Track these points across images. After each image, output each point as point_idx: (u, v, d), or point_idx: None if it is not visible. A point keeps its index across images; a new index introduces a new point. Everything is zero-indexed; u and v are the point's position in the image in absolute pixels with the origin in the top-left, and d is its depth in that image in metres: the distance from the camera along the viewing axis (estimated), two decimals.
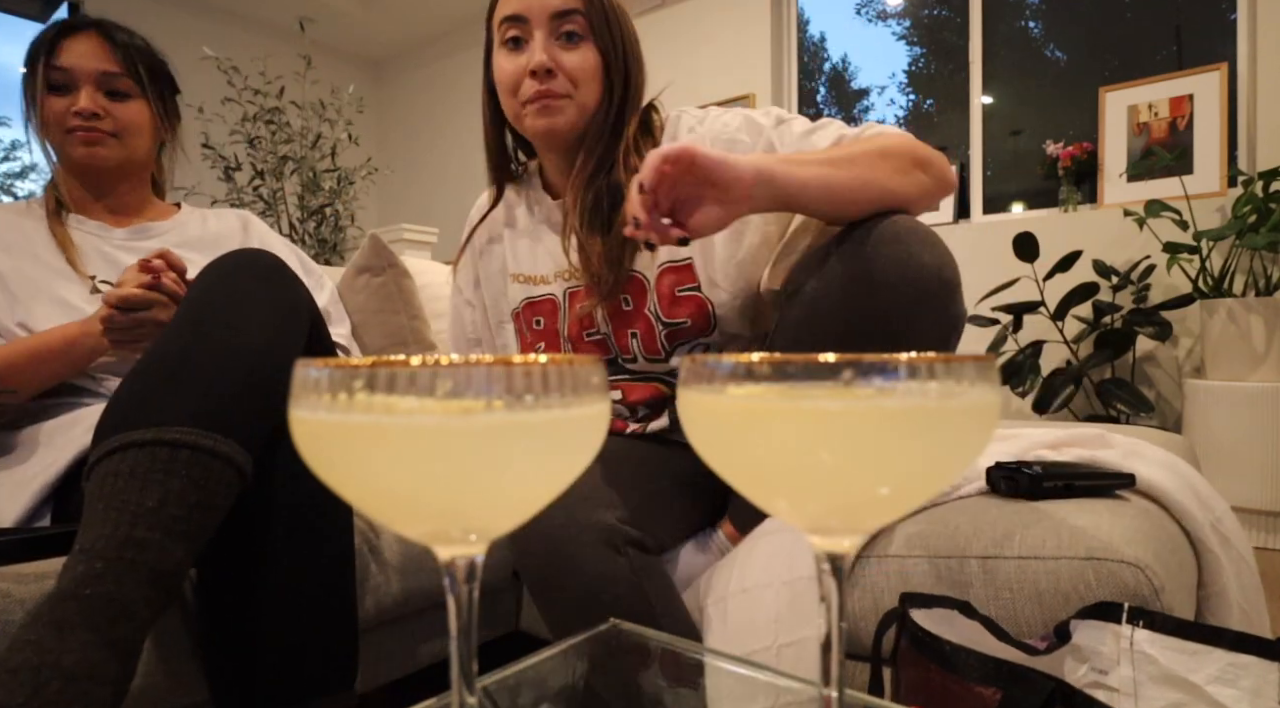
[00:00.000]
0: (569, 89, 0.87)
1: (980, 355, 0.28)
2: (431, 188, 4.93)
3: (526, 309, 0.99)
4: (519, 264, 1.00)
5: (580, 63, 0.87)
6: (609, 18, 0.89)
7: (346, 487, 0.28)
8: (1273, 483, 2.03)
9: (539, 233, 0.99)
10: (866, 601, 0.76)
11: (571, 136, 0.90)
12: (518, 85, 0.88)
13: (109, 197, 1.10)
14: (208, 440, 0.60)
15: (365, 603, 0.89)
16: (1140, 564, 0.67)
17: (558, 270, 0.96)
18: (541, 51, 0.86)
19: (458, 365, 0.26)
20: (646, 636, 0.57)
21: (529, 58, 0.86)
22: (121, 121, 1.04)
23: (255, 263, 0.74)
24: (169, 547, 0.56)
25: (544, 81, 0.86)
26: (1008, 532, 0.74)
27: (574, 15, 0.87)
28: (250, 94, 3.21)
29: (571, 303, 0.95)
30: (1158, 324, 2.39)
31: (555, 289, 0.96)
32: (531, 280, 0.98)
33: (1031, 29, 3.31)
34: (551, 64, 0.86)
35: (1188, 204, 2.36)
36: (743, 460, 0.30)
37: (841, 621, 0.32)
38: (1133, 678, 0.56)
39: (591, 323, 0.94)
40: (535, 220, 1.00)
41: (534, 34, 0.87)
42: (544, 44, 0.86)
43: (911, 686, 0.64)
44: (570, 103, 0.88)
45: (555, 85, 0.86)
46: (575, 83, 0.87)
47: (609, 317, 0.92)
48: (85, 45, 1.02)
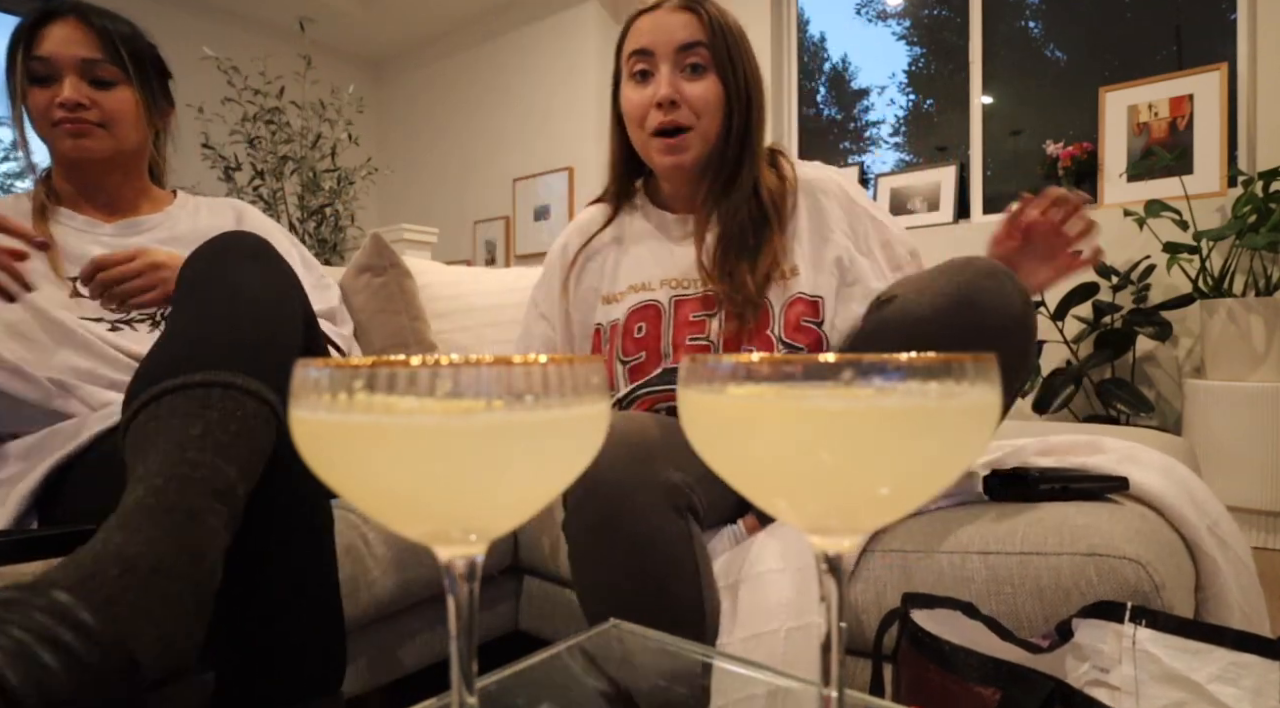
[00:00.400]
0: (692, 120, 0.92)
1: (980, 355, 0.28)
2: (431, 188, 4.93)
3: (632, 315, 0.99)
4: (623, 276, 1.02)
5: (703, 93, 0.92)
6: (730, 48, 0.93)
7: (346, 487, 0.28)
8: (1273, 483, 2.03)
9: (649, 242, 1.02)
10: (869, 594, 0.77)
11: (693, 168, 0.96)
12: (644, 116, 0.94)
13: (101, 190, 1.07)
14: (236, 378, 0.63)
15: (360, 600, 0.89)
16: (1141, 561, 0.67)
17: (664, 278, 0.99)
18: (667, 84, 0.91)
19: (458, 365, 0.26)
20: (646, 636, 0.57)
21: (655, 89, 0.92)
22: (108, 111, 1.00)
23: (241, 242, 0.77)
24: (221, 466, 0.58)
25: (669, 112, 0.92)
26: (1010, 529, 0.74)
27: (698, 48, 0.92)
28: (250, 94, 3.21)
29: (677, 310, 0.97)
30: (1158, 324, 2.39)
31: (660, 295, 0.98)
32: (635, 288, 1.00)
33: (1031, 29, 3.31)
34: (676, 95, 0.91)
35: (1188, 204, 2.36)
36: (743, 460, 0.30)
37: (841, 621, 0.32)
38: (1134, 677, 0.56)
39: (701, 330, 0.95)
40: (644, 231, 1.03)
41: (660, 67, 0.93)
42: (669, 77, 0.92)
43: (911, 686, 0.64)
44: (694, 136, 0.93)
45: (679, 116, 0.92)
46: (698, 113, 0.92)
47: (724, 329, 0.95)
48: (64, 32, 0.98)
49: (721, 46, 0.92)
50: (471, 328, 1.55)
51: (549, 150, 4.27)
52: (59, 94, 0.97)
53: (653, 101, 0.92)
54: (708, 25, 0.92)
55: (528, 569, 1.16)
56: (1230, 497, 2.06)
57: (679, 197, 1.02)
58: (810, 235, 0.96)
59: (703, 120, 0.92)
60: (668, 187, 1.02)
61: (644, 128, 0.94)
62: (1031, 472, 0.82)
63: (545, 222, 4.29)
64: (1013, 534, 0.73)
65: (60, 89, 0.97)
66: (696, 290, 0.96)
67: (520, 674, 0.50)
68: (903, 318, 0.79)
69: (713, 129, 0.94)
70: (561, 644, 0.54)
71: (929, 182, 3.18)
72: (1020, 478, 0.82)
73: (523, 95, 4.39)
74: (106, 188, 1.07)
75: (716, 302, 0.94)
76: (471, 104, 4.68)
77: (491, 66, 4.58)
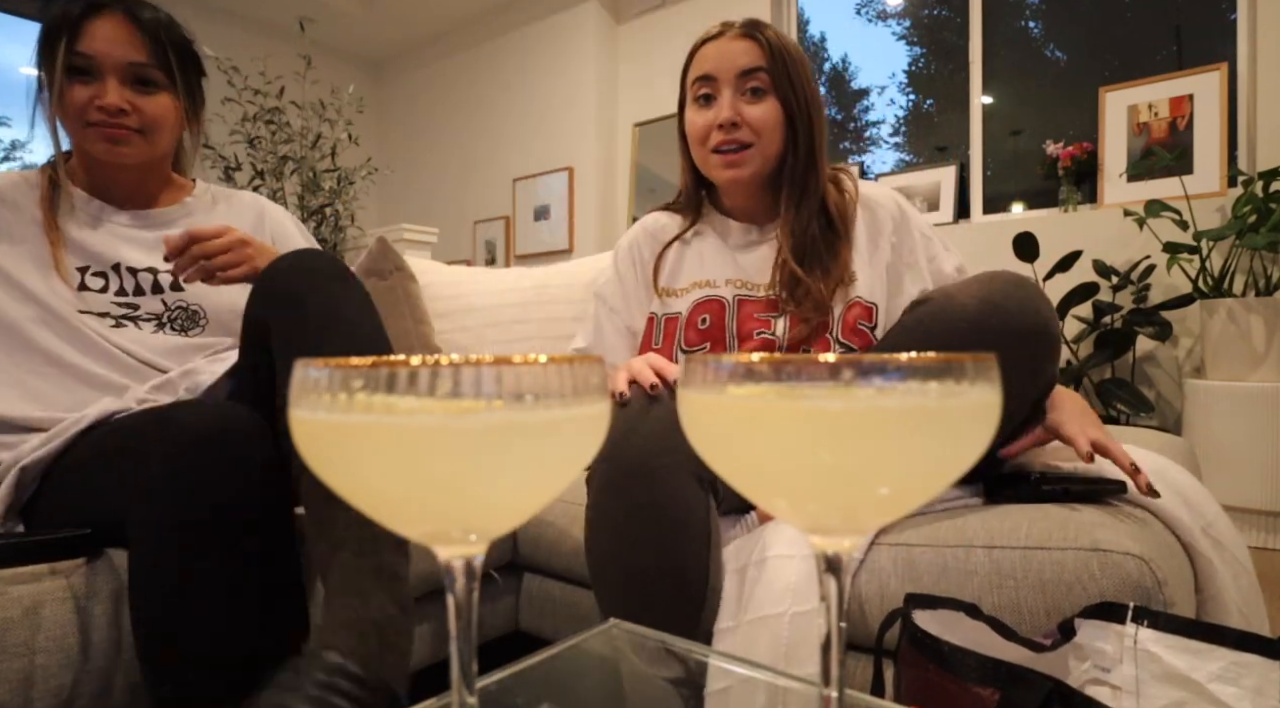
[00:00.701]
0: (752, 138, 0.98)
1: (980, 355, 0.28)
2: (431, 188, 4.93)
3: (696, 309, 1.04)
4: (684, 274, 1.08)
5: (763, 115, 0.98)
6: (790, 72, 0.98)
7: (347, 487, 0.28)
8: (1273, 483, 2.03)
9: (714, 247, 1.08)
10: (872, 586, 0.77)
11: (754, 182, 1.02)
12: (706, 137, 1.00)
13: (121, 185, 1.03)
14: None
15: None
16: (1145, 557, 0.67)
17: (729, 279, 1.05)
18: (728, 108, 0.98)
19: (458, 365, 0.26)
20: (646, 635, 0.57)
21: (717, 113, 0.99)
22: (148, 116, 0.96)
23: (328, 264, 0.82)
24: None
25: (730, 132, 0.98)
26: (1015, 524, 0.74)
27: (758, 72, 0.98)
28: (250, 94, 3.21)
29: (739, 307, 1.02)
30: (1158, 324, 2.39)
31: (725, 293, 1.04)
32: (698, 284, 1.05)
33: (1031, 29, 3.31)
34: (737, 117, 0.97)
35: (1188, 204, 2.36)
36: (743, 460, 0.30)
37: (841, 621, 0.32)
38: (1135, 676, 0.56)
39: (767, 326, 1.00)
40: (710, 237, 1.09)
41: (722, 91, 0.99)
42: (730, 100, 0.98)
43: (911, 686, 0.64)
44: (754, 152, 0.99)
45: (740, 135, 0.98)
46: (758, 132, 0.98)
47: (789, 328, 1.00)
48: (112, 29, 0.93)
49: (781, 71, 0.97)
50: (471, 328, 1.55)
51: (549, 150, 4.27)
52: (99, 96, 0.92)
53: (714, 123, 0.98)
54: (767, 51, 0.98)
55: (528, 567, 1.16)
56: (1230, 497, 2.06)
57: (743, 209, 1.08)
58: (867, 244, 1.02)
59: (762, 138, 0.98)
60: (729, 200, 1.09)
61: (705, 146, 1.01)
62: (1031, 473, 0.82)
63: (545, 221, 4.29)
64: (1017, 529, 0.73)
65: (101, 89, 0.93)
66: (761, 294, 1.02)
67: (520, 674, 0.50)
68: (934, 318, 0.84)
69: (772, 147, 0.99)
70: (561, 644, 0.54)
71: (929, 181, 3.18)
72: (1020, 480, 0.83)
73: (523, 95, 4.39)
74: (128, 184, 1.04)
75: (780, 305, 1.00)
76: (471, 104, 4.68)
77: (491, 66, 4.58)
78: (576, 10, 4.11)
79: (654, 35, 3.97)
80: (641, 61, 4.03)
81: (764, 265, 1.03)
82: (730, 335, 1.01)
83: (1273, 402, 2.02)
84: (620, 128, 4.13)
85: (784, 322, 0.99)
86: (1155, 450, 0.98)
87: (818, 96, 1.02)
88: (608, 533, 0.80)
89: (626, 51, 4.10)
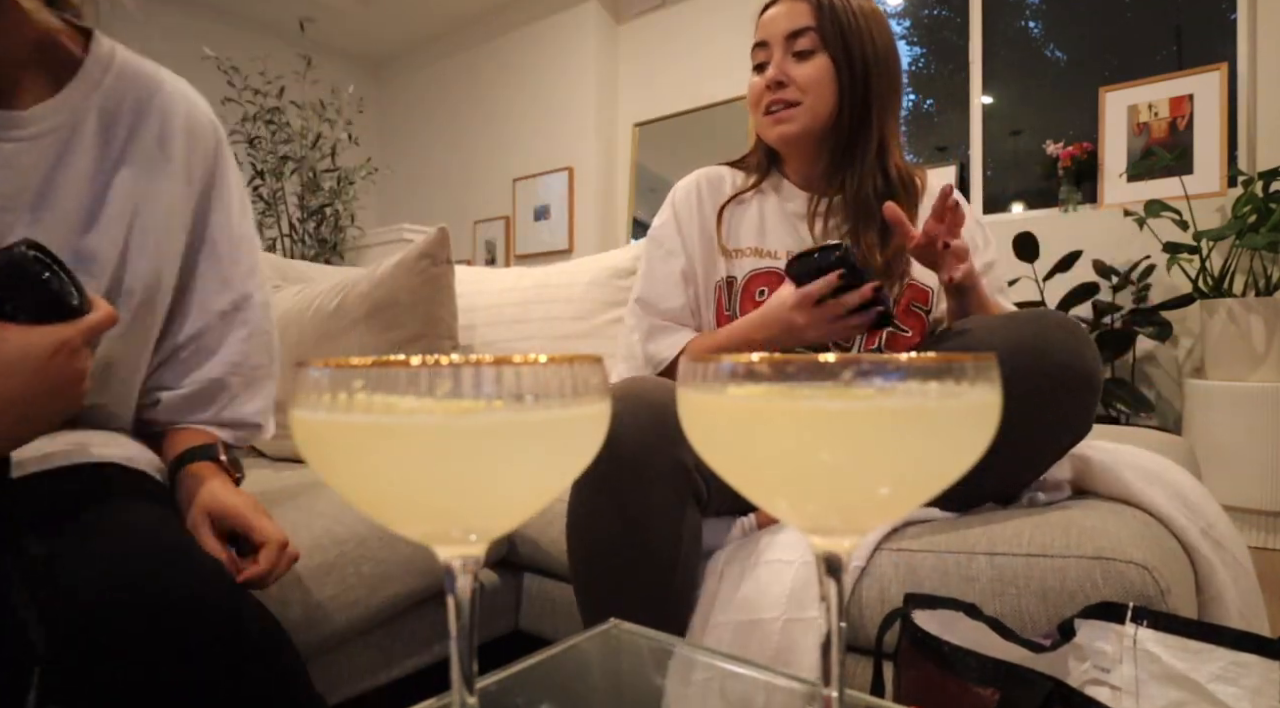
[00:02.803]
0: (798, 96, 0.99)
1: (980, 355, 0.28)
2: (431, 188, 4.93)
3: (753, 280, 1.03)
4: (744, 234, 1.07)
5: (810, 73, 0.98)
6: (845, 30, 0.98)
7: (346, 487, 0.28)
8: (1273, 483, 2.03)
9: (775, 211, 1.07)
10: (873, 591, 0.77)
11: (807, 140, 1.02)
12: (760, 100, 1.02)
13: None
14: None
15: (360, 600, 0.89)
16: (1148, 565, 0.67)
17: (789, 250, 1.02)
18: (775, 68, 0.99)
19: (458, 365, 0.26)
20: (646, 635, 0.57)
21: (766, 75, 1.01)
22: None
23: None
24: None
25: (776, 92, 0.99)
26: (1017, 530, 0.74)
27: (806, 33, 0.98)
28: (250, 94, 3.22)
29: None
30: (1158, 324, 2.39)
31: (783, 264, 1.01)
32: (757, 251, 1.05)
33: (1031, 29, 3.31)
34: (783, 77, 0.99)
35: (1188, 204, 2.36)
36: (743, 460, 0.30)
37: (841, 621, 0.32)
38: (1135, 676, 0.56)
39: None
40: (773, 201, 1.08)
41: (774, 54, 1.00)
42: (779, 61, 1.00)
43: (911, 686, 0.64)
44: (801, 109, 0.99)
45: (786, 94, 0.99)
46: (804, 90, 0.98)
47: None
48: None
49: (833, 29, 0.97)
50: (472, 327, 1.55)
51: (549, 150, 4.27)
52: None
53: (764, 85, 1.00)
54: (816, 10, 0.98)
55: (528, 567, 1.16)
56: (1230, 497, 2.06)
57: (804, 176, 1.07)
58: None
59: (809, 96, 0.98)
60: (790, 164, 1.09)
61: (759, 109, 1.03)
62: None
63: (545, 221, 4.29)
64: (1019, 536, 0.73)
65: None
66: None
67: (520, 674, 0.50)
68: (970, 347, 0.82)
69: (821, 105, 0.99)
70: (561, 644, 0.54)
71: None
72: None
73: (523, 95, 4.39)
74: None
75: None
76: (471, 104, 4.68)
77: (491, 66, 4.58)
78: (576, 10, 4.11)
79: (654, 35, 3.97)
80: (641, 61, 4.03)
81: (822, 235, 1.02)
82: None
83: (1273, 402, 2.02)
84: (620, 128, 4.13)
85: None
86: (1155, 450, 0.98)
87: (885, 55, 1.00)
88: (583, 535, 0.80)
89: (626, 51, 4.10)
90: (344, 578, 0.87)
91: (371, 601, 0.90)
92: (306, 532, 0.87)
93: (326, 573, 0.86)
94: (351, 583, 0.88)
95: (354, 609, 0.88)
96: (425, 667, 1.01)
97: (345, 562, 0.88)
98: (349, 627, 0.87)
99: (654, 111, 3.96)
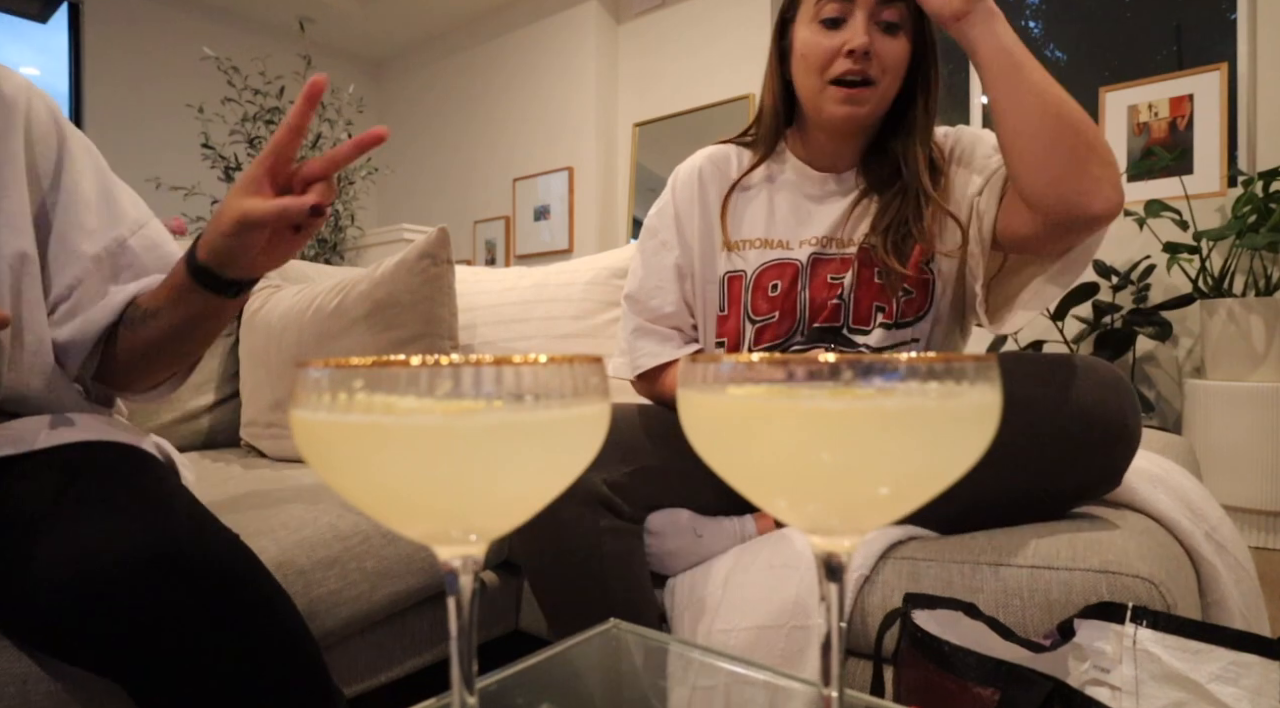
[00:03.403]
0: (880, 75, 0.88)
1: (980, 355, 0.28)
2: (431, 188, 4.93)
3: (764, 273, 0.96)
4: (747, 225, 0.99)
5: (896, 51, 0.88)
6: (922, 12, 0.88)
7: (347, 487, 0.28)
8: (1273, 483, 2.03)
9: (788, 197, 0.99)
10: (875, 598, 0.76)
11: (864, 127, 0.93)
12: (828, 64, 0.88)
13: None
14: None
15: (360, 600, 0.89)
16: (1154, 580, 0.66)
17: (805, 237, 0.96)
18: (864, 33, 0.86)
19: (458, 365, 0.26)
20: (646, 635, 0.57)
21: (848, 37, 0.87)
22: None
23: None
24: None
25: (859, 62, 0.87)
26: (1021, 540, 0.73)
27: (897, 3, 0.88)
28: (250, 94, 3.22)
29: (814, 270, 0.95)
30: (1158, 324, 2.39)
31: (799, 255, 0.95)
32: (766, 243, 0.97)
33: (1031, 29, 3.31)
34: (871, 48, 0.87)
35: (1188, 204, 2.36)
36: (743, 460, 0.30)
37: (841, 621, 0.32)
38: (1134, 676, 0.56)
39: (837, 291, 0.94)
40: (785, 184, 0.99)
41: (856, 14, 0.87)
42: (865, 25, 0.87)
43: (911, 686, 0.64)
44: (875, 92, 0.89)
45: (869, 68, 0.87)
46: (885, 70, 0.88)
47: (856, 286, 0.93)
48: None
49: (916, 8, 0.88)
50: (472, 327, 1.55)
51: (549, 150, 4.27)
52: None
53: (842, 50, 0.87)
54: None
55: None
56: (1230, 497, 2.06)
57: (827, 155, 0.98)
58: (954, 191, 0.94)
59: (887, 78, 0.89)
60: (818, 140, 0.97)
61: (824, 74, 0.89)
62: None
63: (545, 221, 4.29)
64: (1024, 547, 0.73)
65: None
66: (838, 251, 0.94)
67: (520, 674, 0.50)
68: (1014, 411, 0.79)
69: (893, 90, 0.91)
70: (561, 644, 0.54)
71: None
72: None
73: (523, 95, 4.39)
74: None
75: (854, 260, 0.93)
76: (471, 104, 4.68)
77: (491, 66, 4.58)
78: (576, 10, 4.11)
79: (654, 35, 3.97)
80: (641, 61, 4.03)
81: (843, 219, 0.94)
82: (801, 308, 0.94)
83: (1273, 402, 2.02)
84: (620, 128, 4.13)
85: (850, 277, 0.93)
86: (1156, 451, 0.98)
87: (938, 46, 0.93)
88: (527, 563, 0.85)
89: (626, 51, 4.10)
90: (346, 573, 0.88)
91: (374, 596, 0.90)
92: (311, 527, 0.88)
93: (329, 567, 0.86)
94: (354, 578, 0.88)
95: (356, 604, 0.88)
96: (425, 667, 1.01)
97: (348, 557, 0.88)
98: (350, 622, 0.88)
99: (654, 111, 3.96)
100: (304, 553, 0.84)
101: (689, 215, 1.00)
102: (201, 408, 1.40)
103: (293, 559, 0.83)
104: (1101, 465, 0.75)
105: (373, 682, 0.94)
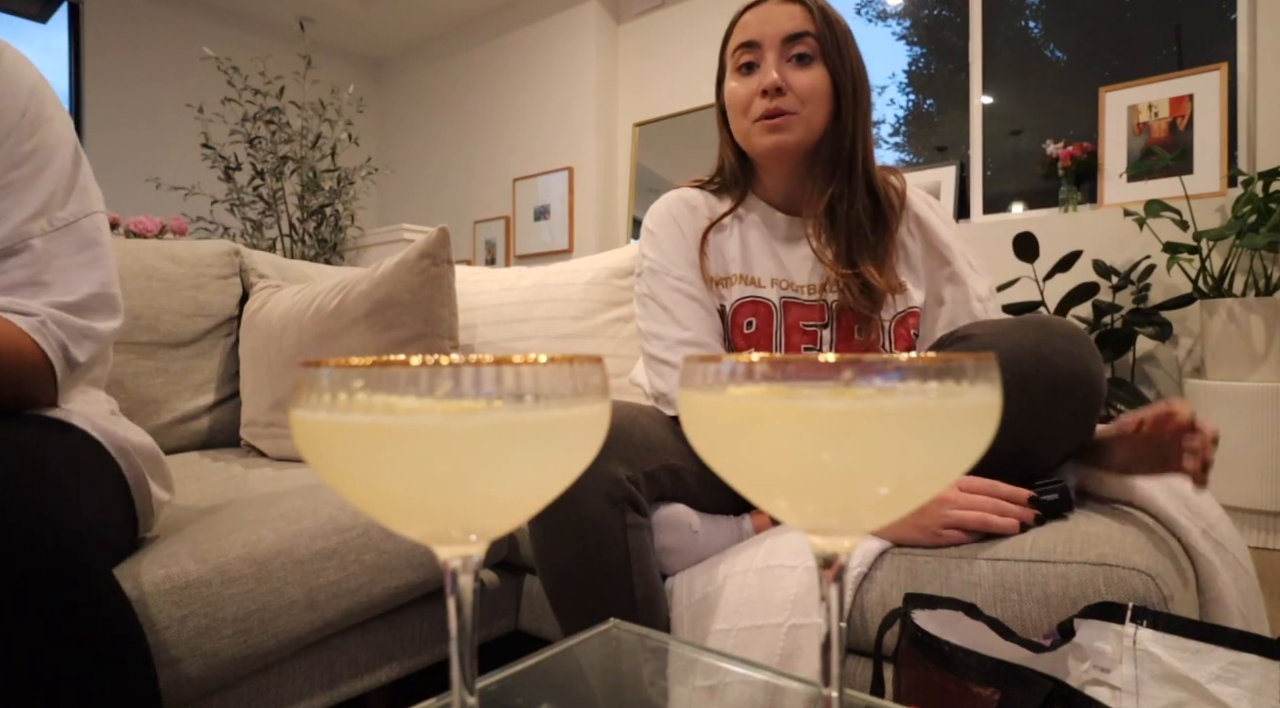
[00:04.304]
0: (797, 106, 0.92)
1: (980, 355, 0.28)
2: (431, 188, 4.93)
3: (740, 309, 0.98)
4: (729, 261, 1.00)
5: (810, 82, 0.92)
6: (839, 41, 0.92)
7: (347, 487, 0.28)
8: (1273, 483, 2.03)
9: (757, 237, 1.01)
10: (874, 595, 0.77)
11: (799, 154, 0.95)
12: (748, 106, 0.94)
13: None
14: None
15: (359, 599, 0.90)
16: (1152, 573, 0.67)
17: (775, 278, 0.98)
18: (773, 70, 0.91)
19: (458, 365, 0.26)
20: (646, 635, 0.57)
21: (760, 79, 0.92)
22: None
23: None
24: None
25: (774, 98, 0.91)
26: (1019, 535, 0.74)
27: (805, 38, 0.91)
28: (250, 94, 3.22)
29: (786, 313, 0.97)
30: (1158, 324, 2.39)
31: (771, 295, 0.98)
32: (744, 279, 0.99)
33: (1031, 29, 3.31)
34: (782, 83, 0.91)
35: (1188, 204, 2.36)
36: (743, 460, 0.30)
37: (841, 620, 0.32)
38: (1134, 676, 0.56)
39: (814, 341, 0.96)
40: (752, 224, 1.01)
41: (766, 56, 0.93)
42: (775, 64, 0.92)
43: (911, 686, 0.64)
44: (798, 119, 0.92)
45: (784, 102, 0.91)
46: (803, 101, 0.92)
47: (837, 342, 0.95)
48: None
49: (829, 37, 0.91)
50: (472, 327, 1.56)
51: (549, 150, 4.27)
52: None
53: (757, 91, 0.92)
54: (815, 16, 0.92)
55: (527, 567, 1.16)
56: (1230, 497, 2.06)
57: (785, 195, 1.00)
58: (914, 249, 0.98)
59: (807, 107, 0.92)
60: (771, 180, 1.00)
61: (747, 116, 0.94)
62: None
63: (545, 221, 4.29)
64: (1021, 541, 0.73)
65: None
66: (808, 297, 0.96)
67: (520, 674, 0.50)
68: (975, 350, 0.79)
69: (818, 118, 0.93)
70: (561, 644, 0.54)
71: (929, 181, 3.18)
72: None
73: (523, 95, 4.39)
74: None
75: (828, 311, 0.95)
76: (471, 104, 4.68)
77: (491, 66, 4.58)
78: (576, 10, 4.11)
79: (654, 35, 3.97)
80: (641, 61, 4.03)
81: (809, 264, 0.97)
82: (777, 347, 0.96)
83: (1273, 402, 2.02)
84: (620, 128, 4.13)
85: (829, 333, 0.95)
86: None
87: (864, 71, 0.95)
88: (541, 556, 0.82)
89: (626, 51, 4.10)
90: (345, 565, 0.88)
91: (373, 589, 0.90)
92: (311, 518, 0.88)
93: (328, 558, 0.86)
94: (353, 570, 0.88)
95: (354, 596, 0.88)
96: (425, 667, 1.01)
97: (348, 549, 0.89)
98: (348, 613, 0.88)
99: (654, 111, 3.96)
100: (303, 543, 0.85)
101: (673, 247, 1.00)
102: (201, 408, 1.40)
103: (291, 549, 0.83)
104: (1069, 412, 0.76)
105: (372, 681, 0.94)
